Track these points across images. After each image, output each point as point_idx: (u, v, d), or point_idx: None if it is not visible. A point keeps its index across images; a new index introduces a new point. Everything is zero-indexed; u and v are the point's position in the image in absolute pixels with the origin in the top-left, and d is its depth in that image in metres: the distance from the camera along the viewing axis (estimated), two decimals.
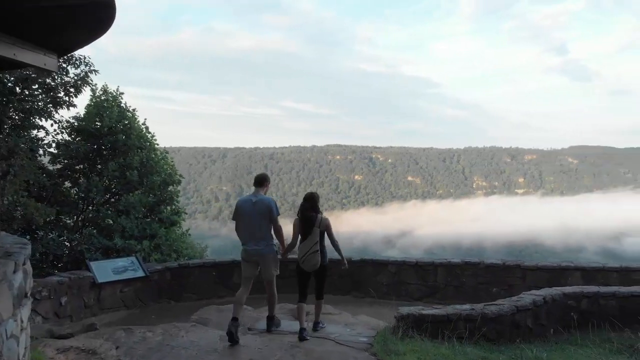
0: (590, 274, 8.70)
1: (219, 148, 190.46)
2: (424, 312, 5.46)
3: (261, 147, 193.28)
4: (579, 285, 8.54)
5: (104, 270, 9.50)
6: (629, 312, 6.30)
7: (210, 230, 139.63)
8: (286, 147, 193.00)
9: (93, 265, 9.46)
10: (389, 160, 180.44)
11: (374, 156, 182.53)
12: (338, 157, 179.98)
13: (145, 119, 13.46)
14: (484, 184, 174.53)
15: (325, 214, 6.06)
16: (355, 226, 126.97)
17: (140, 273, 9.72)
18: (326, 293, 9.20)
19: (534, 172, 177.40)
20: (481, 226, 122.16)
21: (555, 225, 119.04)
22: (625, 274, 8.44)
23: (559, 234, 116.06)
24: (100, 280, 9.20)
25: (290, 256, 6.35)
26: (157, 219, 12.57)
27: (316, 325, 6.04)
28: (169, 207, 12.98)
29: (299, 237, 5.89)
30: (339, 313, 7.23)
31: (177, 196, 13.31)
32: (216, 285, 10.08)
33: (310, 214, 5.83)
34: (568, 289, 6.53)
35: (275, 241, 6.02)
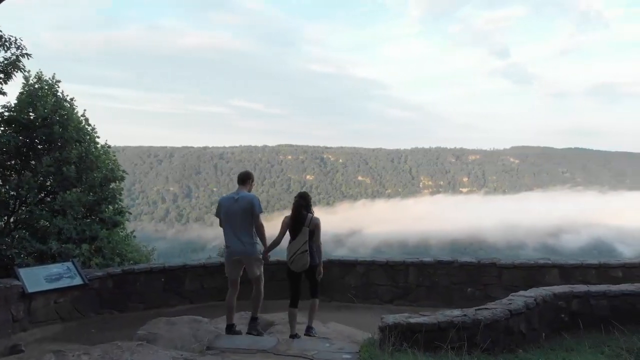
0: (568, 271, 8.34)
1: (166, 147, 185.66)
2: (412, 320, 4.78)
3: (210, 146, 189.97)
4: (557, 283, 8.18)
5: (35, 278, 8.30)
6: (621, 313, 5.88)
7: (157, 233, 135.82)
8: (236, 147, 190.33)
9: (22, 272, 8.24)
10: (340, 161, 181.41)
11: (325, 156, 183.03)
12: (290, 157, 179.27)
13: (85, 110, 12.28)
14: (430, 183, 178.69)
15: (278, 214, 5.58)
16: None
17: (77, 281, 8.56)
18: (288, 297, 8.43)
19: (478, 171, 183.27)
20: (427, 224, 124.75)
21: (497, 223, 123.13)
22: (604, 271, 8.13)
23: (500, 231, 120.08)
24: (30, 289, 8.01)
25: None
26: (97, 219, 11.39)
27: (309, 330, 5.63)
28: (111, 207, 11.80)
29: (290, 236, 5.67)
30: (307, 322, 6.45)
31: (120, 194, 12.14)
32: (165, 292, 9.03)
33: (302, 212, 5.62)
34: (557, 289, 6.05)
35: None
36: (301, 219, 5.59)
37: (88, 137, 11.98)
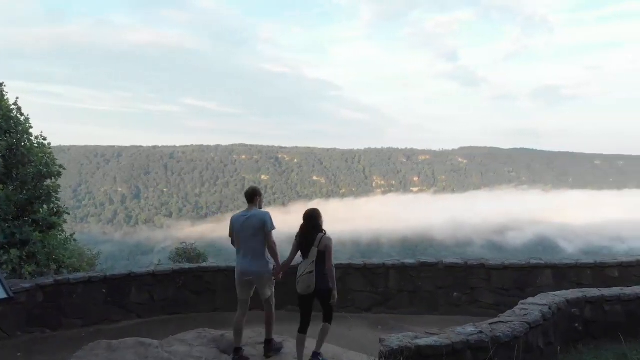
0: (562, 271, 7.69)
1: (114, 147, 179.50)
2: (421, 342, 3.83)
3: (160, 145, 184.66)
4: (550, 285, 7.58)
5: None
6: (637, 318, 5.21)
7: (105, 235, 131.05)
8: (188, 146, 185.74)
9: None
10: (295, 160, 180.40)
11: (280, 156, 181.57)
12: (244, 156, 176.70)
13: (18, 98, 10.86)
14: (382, 182, 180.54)
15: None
16: None
17: (1, 294, 7.16)
18: (255, 308, 7.40)
19: (428, 171, 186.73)
20: (379, 223, 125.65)
21: (446, 221, 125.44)
22: (600, 270, 7.54)
23: (449, 229, 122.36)
24: None
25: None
26: (30, 220, 10.04)
27: (316, 357, 5.11)
28: (45, 206, 10.39)
29: (301, 257, 5.34)
30: (281, 340, 5.46)
31: (57, 192, 10.71)
32: (107, 306, 7.69)
33: (309, 232, 5.31)
34: (569, 295, 5.29)
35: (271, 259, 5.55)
36: (310, 240, 5.24)
37: (20, 127, 10.57)
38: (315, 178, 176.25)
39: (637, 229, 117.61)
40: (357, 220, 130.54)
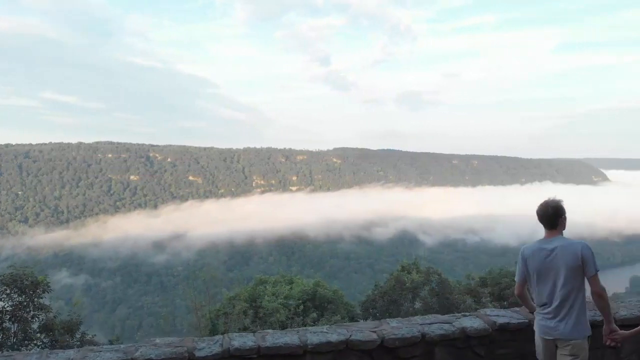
0: None
1: None
2: None
3: (14, 143, 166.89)
4: None
5: None
6: None
7: None
8: (46, 144, 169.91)
9: None
10: (169, 160, 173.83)
11: (151, 155, 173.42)
12: (110, 155, 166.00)
13: None
14: (262, 182, 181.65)
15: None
16: (124, 231, 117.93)
17: None
18: None
19: (305, 170, 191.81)
20: (255, 223, 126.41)
21: (319, 219, 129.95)
22: None
23: (322, 226, 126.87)
24: None
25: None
26: None
27: None
28: None
29: None
30: None
31: None
32: None
33: None
34: None
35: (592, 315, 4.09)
36: None
37: None
38: (191, 178, 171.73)
39: (487, 222, 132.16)
40: (233, 221, 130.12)
